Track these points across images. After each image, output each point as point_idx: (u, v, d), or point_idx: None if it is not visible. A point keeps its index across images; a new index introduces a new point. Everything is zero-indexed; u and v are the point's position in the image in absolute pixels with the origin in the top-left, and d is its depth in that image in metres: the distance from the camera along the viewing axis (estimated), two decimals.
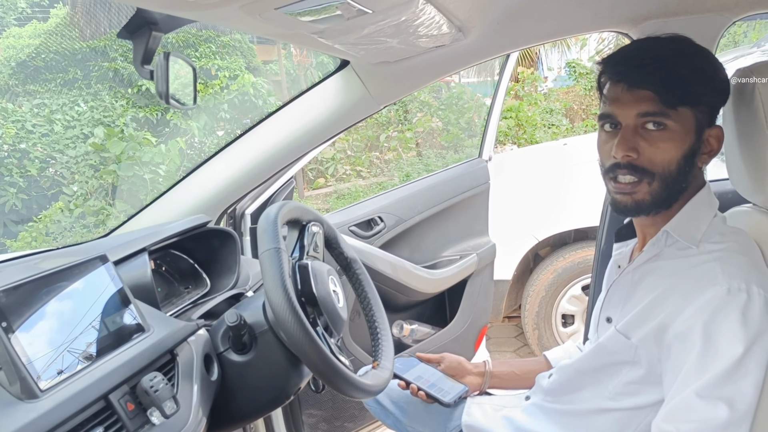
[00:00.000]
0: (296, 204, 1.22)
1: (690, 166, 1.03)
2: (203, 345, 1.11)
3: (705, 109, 1.02)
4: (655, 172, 1.02)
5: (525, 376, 1.43)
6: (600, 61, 1.09)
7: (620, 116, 1.03)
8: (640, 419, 1.09)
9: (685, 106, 1.00)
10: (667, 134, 1.01)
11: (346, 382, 1.06)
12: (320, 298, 1.14)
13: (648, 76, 1.00)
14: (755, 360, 0.94)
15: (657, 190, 1.03)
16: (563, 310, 3.20)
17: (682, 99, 0.99)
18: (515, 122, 8.28)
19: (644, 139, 1.01)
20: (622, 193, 1.05)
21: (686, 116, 1.01)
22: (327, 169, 7.93)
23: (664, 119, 1.00)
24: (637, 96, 1.01)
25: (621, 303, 1.15)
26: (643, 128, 1.02)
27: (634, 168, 1.02)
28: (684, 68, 1.00)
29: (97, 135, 6.09)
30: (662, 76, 0.99)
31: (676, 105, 0.99)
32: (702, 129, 1.03)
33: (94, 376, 0.87)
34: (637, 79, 1.01)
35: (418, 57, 1.42)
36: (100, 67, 7.36)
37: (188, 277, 1.42)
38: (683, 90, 0.99)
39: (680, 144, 1.01)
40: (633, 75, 1.02)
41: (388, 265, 2.03)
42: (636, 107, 1.01)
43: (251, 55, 9.14)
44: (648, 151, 1.01)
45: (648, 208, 1.05)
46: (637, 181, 1.03)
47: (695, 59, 1.03)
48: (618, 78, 1.04)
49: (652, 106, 1.00)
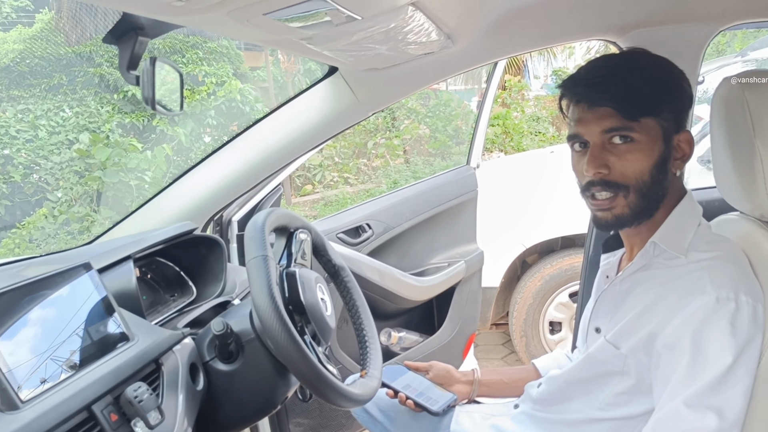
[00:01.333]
0: (284, 211, 1.21)
1: (663, 173, 1.05)
2: (189, 354, 1.10)
3: (669, 116, 1.04)
4: (628, 184, 1.03)
5: (513, 385, 1.42)
6: (559, 84, 1.11)
7: (586, 135, 1.05)
8: (631, 429, 1.09)
9: (647, 117, 1.02)
10: (635, 146, 1.02)
11: (334, 392, 1.05)
12: (308, 306, 1.13)
13: (605, 93, 1.02)
14: (744, 369, 0.94)
15: (634, 201, 1.04)
16: (551, 318, 3.20)
17: (642, 110, 1.01)
18: (502, 130, 8.33)
19: (613, 154, 1.03)
20: (601, 209, 1.07)
21: (650, 126, 1.02)
22: (314, 175, 7.91)
23: (629, 132, 1.02)
24: (598, 113, 1.03)
25: (610, 313, 1.15)
26: (610, 143, 1.03)
27: (607, 184, 1.04)
28: (639, 80, 1.02)
29: (82, 141, 6.02)
30: (618, 91, 1.02)
31: (638, 117, 1.01)
32: (670, 136, 1.04)
33: (76, 386, 0.85)
34: (595, 97, 1.04)
35: (407, 64, 1.41)
36: (85, 72, 7.30)
37: (174, 285, 1.40)
38: (641, 101, 1.01)
39: (649, 154, 1.03)
40: (590, 94, 1.04)
41: (376, 272, 2.02)
42: (599, 124, 1.03)
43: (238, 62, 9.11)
44: (618, 165, 1.03)
45: (629, 221, 1.07)
46: (613, 196, 1.04)
47: (650, 70, 1.05)
48: (577, 98, 1.07)
49: (614, 121, 1.02)
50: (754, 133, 0.99)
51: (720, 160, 1.11)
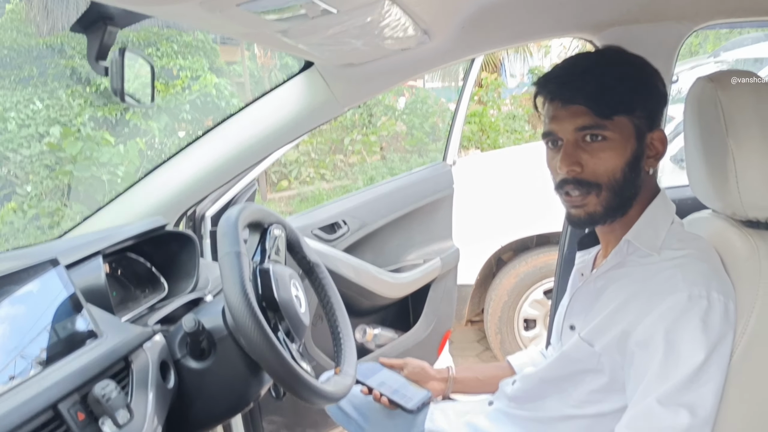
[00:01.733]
0: (258, 206, 1.20)
1: (635, 172, 1.05)
2: (159, 351, 1.08)
3: (642, 115, 1.04)
4: (600, 183, 1.04)
5: (488, 382, 1.42)
6: (534, 82, 1.11)
7: (560, 132, 1.06)
8: (604, 426, 1.09)
9: (621, 115, 1.02)
10: (607, 144, 1.03)
11: (308, 389, 1.04)
12: (282, 302, 1.12)
13: (578, 91, 1.03)
14: (716, 366, 0.95)
15: (607, 199, 1.05)
16: (525, 315, 3.22)
17: (615, 108, 1.02)
18: (479, 127, 8.36)
19: (586, 152, 1.04)
20: (575, 206, 1.07)
21: (623, 124, 1.03)
22: (290, 171, 7.88)
23: (601, 131, 1.02)
24: (571, 111, 1.03)
25: (584, 311, 1.15)
26: (584, 141, 1.04)
27: (579, 182, 1.05)
28: (612, 79, 1.03)
29: (53, 134, 5.91)
30: (591, 89, 1.02)
31: (611, 115, 1.02)
32: (643, 134, 1.05)
33: (41, 384, 0.83)
34: (569, 95, 1.04)
35: (384, 59, 1.40)
36: (56, 64, 7.17)
37: (145, 282, 1.38)
38: (614, 100, 1.02)
39: (621, 152, 1.03)
40: (564, 92, 1.05)
41: (352, 269, 2.01)
42: (572, 122, 1.04)
43: (214, 56, 9.03)
44: (591, 164, 1.03)
45: (601, 218, 1.07)
46: (585, 194, 1.05)
47: (624, 68, 1.06)
48: (551, 96, 1.07)
49: (587, 119, 1.02)
50: (726, 132, 1.00)
51: (693, 158, 1.12)
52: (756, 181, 1.00)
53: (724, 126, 1.00)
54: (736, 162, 1.00)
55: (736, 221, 1.07)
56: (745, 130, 0.99)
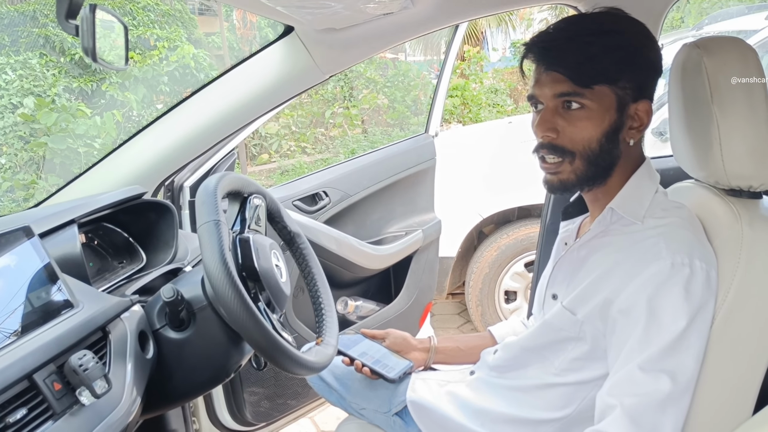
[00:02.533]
0: (237, 175, 1.17)
1: (613, 142, 1.04)
2: (138, 322, 1.06)
3: (627, 85, 1.03)
4: (575, 150, 1.04)
5: (470, 352, 1.43)
6: (524, 42, 1.10)
7: (541, 97, 1.06)
8: (585, 393, 1.10)
9: (602, 84, 1.01)
10: (585, 113, 1.02)
11: (289, 359, 1.03)
12: (262, 272, 1.10)
13: (558, 59, 1.03)
14: (697, 333, 0.95)
15: (580, 168, 1.05)
16: (506, 287, 3.24)
17: (595, 78, 1.01)
18: (461, 101, 8.33)
19: (563, 119, 1.04)
20: (549, 172, 1.08)
21: (604, 94, 1.02)
22: (271, 144, 7.80)
23: (579, 99, 1.02)
24: (552, 77, 1.03)
25: (567, 279, 1.15)
26: (563, 108, 1.04)
27: (554, 148, 1.05)
28: (596, 47, 1.01)
29: (26, 105, 5.78)
30: (574, 58, 1.01)
31: (590, 84, 1.01)
32: (625, 105, 1.04)
33: (15, 354, 0.81)
34: (550, 61, 1.04)
35: (366, 25, 1.37)
36: (29, 33, 6.98)
37: (122, 252, 1.35)
38: (595, 70, 1.01)
39: (599, 122, 1.03)
40: (546, 57, 1.05)
41: (333, 240, 2.00)
42: (552, 88, 1.04)
43: (192, 26, 8.86)
44: (568, 131, 1.03)
45: (573, 186, 1.08)
46: (560, 161, 1.05)
47: (612, 37, 1.03)
48: (535, 61, 1.07)
49: (565, 86, 1.02)
50: (711, 99, 0.99)
51: (677, 126, 1.11)
52: (740, 150, 1.00)
53: (709, 93, 1.00)
54: (721, 130, 0.99)
55: (719, 190, 1.07)
56: (731, 97, 0.99)
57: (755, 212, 1.02)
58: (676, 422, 0.95)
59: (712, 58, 1.00)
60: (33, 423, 0.80)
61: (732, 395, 1.01)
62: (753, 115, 0.99)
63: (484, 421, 1.23)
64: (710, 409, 1.00)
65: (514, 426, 1.19)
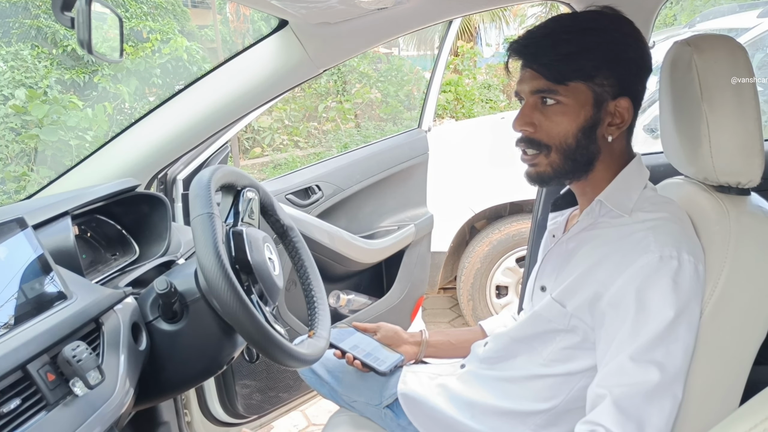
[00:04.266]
0: (230, 168, 1.17)
1: (589, 138, 1.07)
2: (131, 313, 1.07)
3: (605, 82, 1.04)
4: (551, 144, 1.07)
5: (460, 345, 1.44)
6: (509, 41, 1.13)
7: (521, 93, 1.11)
8: (572, 384, 1.12)
9: (577, 81, 1.04)
10: (560, 108, 1.05)
11: (281, 351, 1.04)
12: (255, 265, 1.11)
13: (534, 57, 1.07)
14: (685, 324, 0.97)
15: (556, 161, 1.08)
16: (497, 282, 3.25)
17: (569, 75, 1.04)
18: (454, 96, 8.34)
19: (541, 114, 1.07)
20: (528, 164, 1.12)
21: (580, 90, 1.04)
22: (264, 138, 7.78)
23: (554, 96, 1.05)
24: (530, 74, 1.07)
25: (555, 272, 1.16)
26: (541, 103, 1.07)
27: (531, 141, 1.09)
28: (572, 45, 1.04)
29: (18, 97, 5.74)
30: (545, 56, 1.05)
31: (565, 81, 1.04)
32: (603, 101, 1.05)
33: (9, 345, 0.81)
34: (527, 59, 1.08)
35: (360, 19, 1.38)
36: (21, 24, 6.93)
37: (116, 244, 1.36)
38: (570, 67, 1.04)
39: (574, 117, 1.05)
40: (524, 55, 1.08)
41: (326, 234, 2.01)
42: (529, 84, 1.08)
43: (185, 19, 8.81)
44: (544, 125, 1.07)
45: (551, 179, 1.11)
46: (536, 154, 1.09)
47: (591, 35, 1.05)
48: (516, 57, 1.10)
49: (540, 83, 1.06)
50: (701, 96, 1.01)
51: (667, 123, 1.13)
52: (728, 147, 1.01)
53: (699, 90, 1.01)
54: (710, 127, 1.01)
55: (707, 186, 1.09)
56: (720, 95, 1.00)
57: (743, 208, 1.03)
58: (663, 412, 0.96)
59: (702, 55, 1.02)
60: (26, 413, 0.80)
61: (719, 387, 1.02)
62: (742, 113, 1.00)
63: (473, 413, 1.24)
64: (698, 400, 1.02)
65: (503, 417, 1.20)
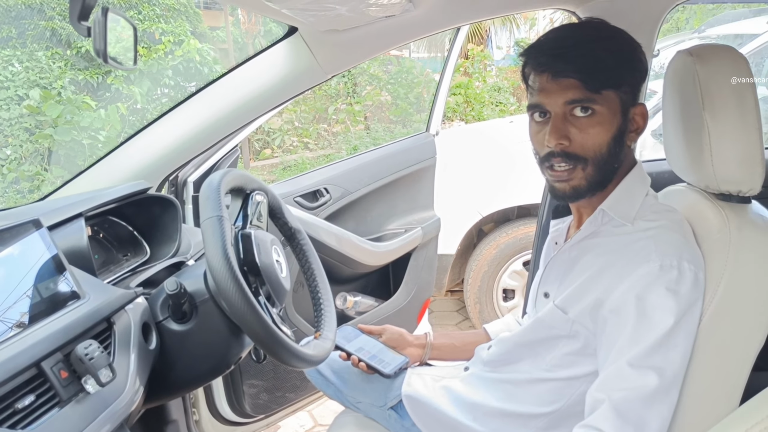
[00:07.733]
0: (240, 172, 1.20)
1: (620, 146, 1.07)
2: (141, 313, 1.09)
3: (627, 89, 1.06)
4: (587, 157, 1.05)
5: (464, 348, 1.45)
6: (522, 52, 1.10)
7: (548, 105, 1.06)
8: (574, 389, 1.13)
9: (609, 89, 1.03)
10: (596, 119, 1.04)
11: (288, 352, 1.06)
12: (263, 267, 1.13)
13: (570, 64, 1.03)
14: (684, 332, 0.98)
15: (592, 174, 1.06)
16: (504, 285, 3.26)
17: (605, 83, 1.02)
18: (464, 99, 8.34)
19: (574, 126, 1.04)
20: (560, 180, 1.08)
21: (611, 99, 1.04)
22: (274, 140, 7.82)
23: (591, 104, 1.03)
24: (562, 84, 1.03)
25: (558, 279, 1.18)
26: (572, 115, 1.04)
27: (567, 155, 1.05)
28: (603, 52, 1.03)
29: (32, 97, 5.80)
30: (584, 63, 1.02)
31: (600, 89, 1.02)
32: (627, 109, 1.06)
33: (25, 342, 0.84)
34: (560, 67, 1.03)
35: (368, 26, 1.40)
36: (36, 25, 7.00)
37: (127, 245, 1.38)
38: (605, 74, 1.02)
39: (609, 127, 1.04)
40: (556, 64, 1.04)
41: (333, 237, 2.02)
42: (562, 95, 1.03)
43: (197, 21, 8.85)
44: (579, 138, 1.04)
45: (585, 193, 1.08)
46: (572, 168, 1.06)
47: (613, 42, 1.06)
48: (542, 69, 1.06)
49: (577, 93, 1.02)
50: (703, 106, 1.02)
51: (670, 131, 1.14)
52: (729, 156, 1.02)
53: (701, 100, 1.02)
54: (711, 136, 1.02)
55: (709, 194, 1.10)
56: (721, 104, 1.01)
57: (744, 216, 1.04)
58: (661, 416, 0.98)
59: (704, 65, 1.03)
60: (40, 409, 0.83)
61: (718, 391, 1.04)
62: (743, 122, 1.01)
63: (476, 415, 1.25)
64: (697, 404, 1.03)
65: (505, 420, 1.22)
